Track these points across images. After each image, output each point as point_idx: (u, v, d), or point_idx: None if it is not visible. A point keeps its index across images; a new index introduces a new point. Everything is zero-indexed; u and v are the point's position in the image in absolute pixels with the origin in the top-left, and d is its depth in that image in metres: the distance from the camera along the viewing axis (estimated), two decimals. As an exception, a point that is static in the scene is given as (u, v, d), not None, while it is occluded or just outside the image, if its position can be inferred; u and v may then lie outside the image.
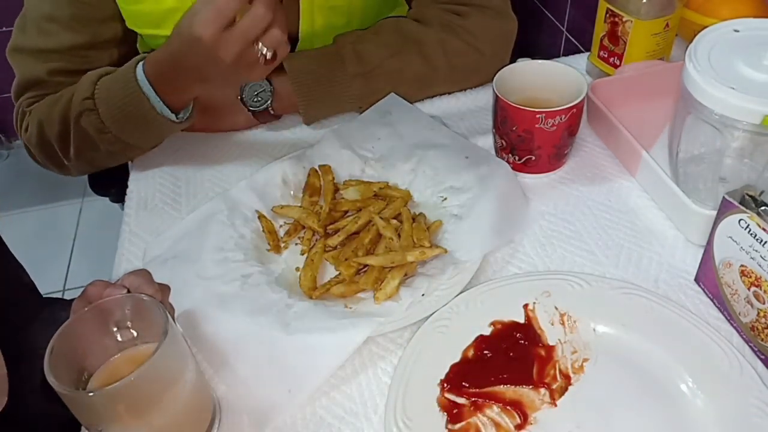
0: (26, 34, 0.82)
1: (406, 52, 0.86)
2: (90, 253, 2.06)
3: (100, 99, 0.76)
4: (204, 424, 0.56)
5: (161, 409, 0.50)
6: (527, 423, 0.56)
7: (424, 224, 0.71)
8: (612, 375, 0.59)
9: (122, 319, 0.53)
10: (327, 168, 0.79)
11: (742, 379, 0.55)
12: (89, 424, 0.51)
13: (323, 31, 0.89)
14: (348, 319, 0.61)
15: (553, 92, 0.78)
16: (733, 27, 0.67)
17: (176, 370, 0.51)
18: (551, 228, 0.74)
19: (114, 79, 0.76)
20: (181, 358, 0.52)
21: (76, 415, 0.49)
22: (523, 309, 0.63)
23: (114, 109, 0.76)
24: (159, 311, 0.50)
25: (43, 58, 0.82)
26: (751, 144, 0.64)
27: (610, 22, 0.86)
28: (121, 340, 0.54)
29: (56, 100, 0.80)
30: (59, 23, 0.80)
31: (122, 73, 0.76)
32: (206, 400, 0.57)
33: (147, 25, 0.83)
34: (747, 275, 0.58)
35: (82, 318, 0.51)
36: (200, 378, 0.55)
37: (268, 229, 0.73)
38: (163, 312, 0.50)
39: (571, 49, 1.65)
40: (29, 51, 0.83)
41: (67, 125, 0.79)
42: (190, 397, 0.53)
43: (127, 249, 0.76)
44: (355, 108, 0.88)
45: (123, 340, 0.54)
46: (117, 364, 0.53)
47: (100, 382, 0.51)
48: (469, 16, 0.88)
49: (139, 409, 0.49)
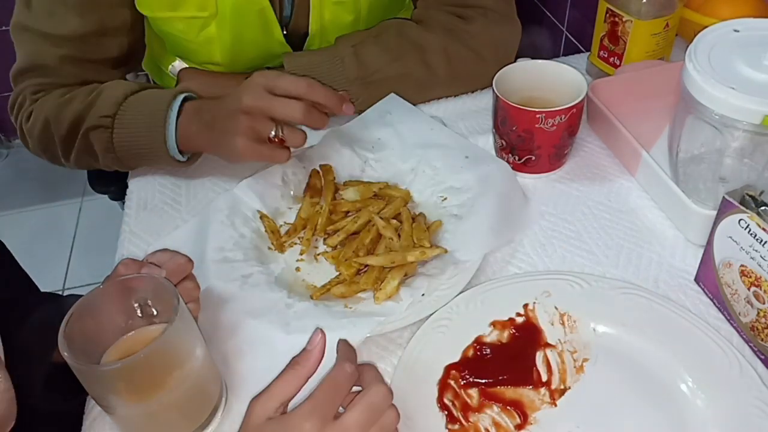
0: (32, 13, 0.80)
1: (408, 58, 0.85)
2: (90, 253, 2.06)
3: (120, 122, 0.76)
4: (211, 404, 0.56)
5: (171, 386, 0.51)
6: (527, 423, 0.56)
7: (424, 224, 0.71)
8: (612, 375, 0.59)
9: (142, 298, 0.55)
10: (328, 167, 0.79)
11: (742, 379, 0.55)
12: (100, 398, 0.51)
13: (332, 27, 0.89)
14: (348, 318, 0.62)
15: (553, 92, 0.78)
16: (733, 27, 0.67)
17: (186, 349, 0.52)
18: (551, 228, 0.74)
19: (142, 106, 0.76)
20: (191, 337, 0.53)
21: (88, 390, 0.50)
22: (523, 309, 0.63)
23: (128, 136, 0.76)
24: (171, 291, 0.51)
25: (52, 43, 0.81)
26: (751, 144, 0.64)
27: (610, 22, 0.86)
28: (141, 317, 0.55)
29: (68, 101, 0.79)
30: (67, 6, 0.79)
31: (152, 102, 0.76)
32: (215, 379, 0.57)
33: (162, 8, 0.82)
34: (747, 275, 0.58)
35: (100, 293, 0.52)
36: (208, 358, 0.55)
37: (270, 228, 0.73)
38: (175, 291, 0.51)
39: (571, 49, 1.65)
40: (37, 33, 0.81)
41: (75, 132, 0.79)
42: (200, 376, 0.53)
43: (127, 249, 0.76)
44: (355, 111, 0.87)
45: (142, 318, 0.55)
46: (131, 341, 0.54)
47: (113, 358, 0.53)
48: (473, 21, 0.87)
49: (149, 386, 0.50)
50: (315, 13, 0.87)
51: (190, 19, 0.83)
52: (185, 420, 0.55)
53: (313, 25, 0.88)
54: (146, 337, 0.54)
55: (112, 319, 0.54)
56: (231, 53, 0.88)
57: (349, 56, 0.84)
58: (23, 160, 2.43)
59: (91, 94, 0.79)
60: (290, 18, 0.88)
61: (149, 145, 0.76)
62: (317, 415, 0.47)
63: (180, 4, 0.81)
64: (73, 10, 0.79)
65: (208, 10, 0.82)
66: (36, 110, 0.82)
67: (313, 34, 0.89)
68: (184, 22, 0.84)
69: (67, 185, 2.21)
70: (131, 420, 0.53)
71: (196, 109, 0.75)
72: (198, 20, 0.83)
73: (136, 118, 0.76)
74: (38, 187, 2.27)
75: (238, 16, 0.83)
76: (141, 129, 0.76)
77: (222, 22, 0.84)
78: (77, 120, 0.78)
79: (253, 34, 0.87)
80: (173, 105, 0.74)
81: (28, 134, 0.85)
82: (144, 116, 0.75)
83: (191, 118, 0.74)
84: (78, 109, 0.78)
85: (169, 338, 0.49)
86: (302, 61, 0.85)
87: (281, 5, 0.87)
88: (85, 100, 0.78)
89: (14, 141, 2.47)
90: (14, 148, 2.47)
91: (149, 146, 0.76)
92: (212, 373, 0.57)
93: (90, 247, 2.09)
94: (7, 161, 2.45)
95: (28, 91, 0.83)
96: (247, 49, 0.89)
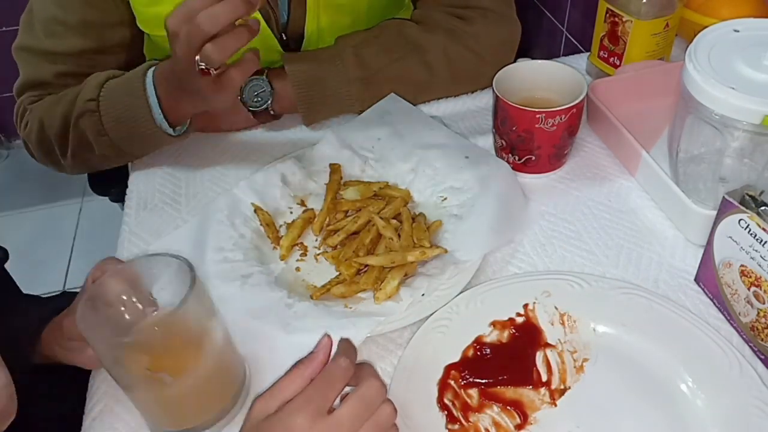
0: (33, 34, 0.82)
1: (408, 59, 0.85)
2: (90, 253, 2.06)
3: (104, 102, 0.76)
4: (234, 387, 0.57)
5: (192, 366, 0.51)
6: (527, 423, 0.56)
7: (424, 224, 0.71)
8: (612, 375, 0.59)
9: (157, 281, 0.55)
10: (337, 167, 0.79)
11: (742, 379, 0.55)
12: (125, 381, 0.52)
13: (329, 30, 0.89)
14: (348, 318, 0.62)
15: (553, 92, 0.78)
16: (733, 27, 0.67)
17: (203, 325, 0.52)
18: (551, 228, 0.74)
19: (120, 83, 0.76)
20: (208, 314, 0.53)
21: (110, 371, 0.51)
22: (523, 309, 0.63)
23: (115, 114, 0.76)
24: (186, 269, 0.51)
25: (50, 60, 0.82)
26: (751, 144, 0.64)
27: (610, 22, 0.86)
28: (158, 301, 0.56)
29: (59, 99, 0.80)
30: (68, 26, 0.80)
31: (129, 78, 0.76)
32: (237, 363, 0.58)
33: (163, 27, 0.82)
34: (747, 275, 0.58)
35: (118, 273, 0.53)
36: (229, 341, 0.56)
37: (266, 221, 0.73)
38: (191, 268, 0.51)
39: (571, 49, 1.65)
40: (36, 51, 0.83)
41: (67, 124, 0.79)
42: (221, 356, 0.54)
43: (127, 249, 0.76)
44: (355, 111, 0.87)
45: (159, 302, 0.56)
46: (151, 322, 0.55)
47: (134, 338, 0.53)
48: (473, 22, 0.87)
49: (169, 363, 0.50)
50: (311, 17, 0.87)
51: None
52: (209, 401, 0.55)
53: (309, 27, 0.88)
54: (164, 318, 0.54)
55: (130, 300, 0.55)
56: None
57: (350, 56, 0.84)
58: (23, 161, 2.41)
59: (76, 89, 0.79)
60: (287, 23, 0.88)
61: (135, 119, 0.75)
62: (310, 409, 0.46)
63: None
64: (73, 30, 0.80)
65: None
66: (31, 117, 0.84)
67: (308, 36, 0.89)
68: None
69: (67, 186, 2.21)
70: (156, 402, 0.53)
71: (163, 75, 0.74)
72: None
73: (117, 95, 0.76)
74: (38, 188, 2.27)
75: None
76: (124, 104, 0.75)
77: None
78: (67, 112, 0.79)
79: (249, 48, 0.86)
80: (148, 73, 0.74)
81: (28, 141, 0.86)
82: (124, 91, 0.76)
83: (164, 85, 0.74)
84: (66, 103, 0.79)
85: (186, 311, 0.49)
86: (302, 63, 0.84)
87: (276, 15, 0.87)
88: (71, 94, 0.79)
89: (14, 142, 2.47)
90: (14, 148, 2.47)
91: (135, 119, 0.75)
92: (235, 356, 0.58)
93: (90, 247, 2.09)
94: (7, 162, 2.45)
95: (26, 102, 0.85)
96: None
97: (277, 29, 0.88)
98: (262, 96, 0.85)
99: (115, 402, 0.61)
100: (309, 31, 0.89)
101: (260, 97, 0.85)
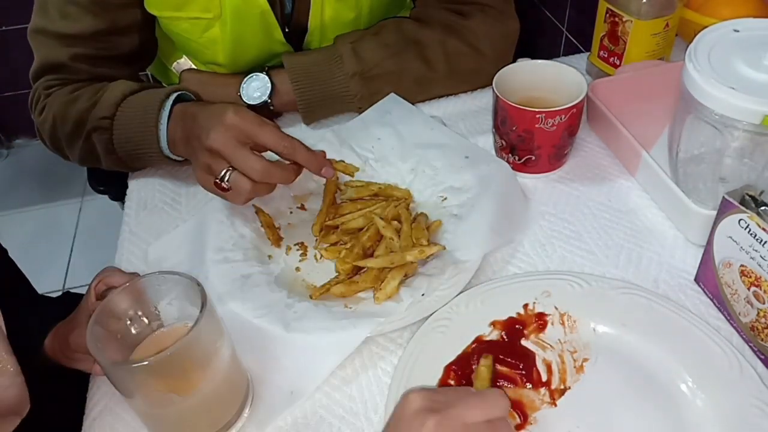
0: (48, 17, 0.82)
1: (406, 54, 0.86)
2: (90, 253, 2.06)
3: (118, 122, 0.77)
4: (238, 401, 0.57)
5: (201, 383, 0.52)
6: (527, 423, 0.56)
7: (424, 224, 0.71)
8: (612, 375, 0.59)
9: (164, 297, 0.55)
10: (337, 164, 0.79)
11: (742, 379, 0.55)
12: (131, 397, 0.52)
13: (331, 25, 0.89)
14: (348, 319, 0.61)
15: (553, 92, 0.78)
16: (733, 27, 0.67)
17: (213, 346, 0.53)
18: (551, 228, 0.74)
19: (137, 108, 0.77)
20: (217, 333, 0.53)
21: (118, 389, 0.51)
22: (523, 309, 0.63)
23: (125, 136, 0.78)
24: (197, 288, 0.52)
25: (66, 43, 0.83)
26: (751, 144, 0.63)
27: (610, 22, 0.86)
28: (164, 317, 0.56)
29: (74, 100, 0.81)
30: (80, 6, 0.81)
31: (146, 105, 0.76)
32: (242, 376, 0.58)
33: (168, 8, 0.84)
34: (747, 275, 0.58)
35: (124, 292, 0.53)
36: (234, 355, 0.56)
37: (266, 223, 0.74)
38: (201, 289, 0.51)
39: (571, 49, 1.65)
40: (51, 34, 0.83)
41: (79, 134, 0.81)
42: (228, 373, 0.54)
43: (127, 249, 0.76)
44: (355, 108, 0.88)
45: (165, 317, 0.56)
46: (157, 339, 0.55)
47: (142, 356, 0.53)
48: (471, 17, 0.88)
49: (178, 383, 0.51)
50: (315, 10, 0.87)
51: (195, 20, 0.84)
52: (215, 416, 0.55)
53: (313, 21, 0.88)
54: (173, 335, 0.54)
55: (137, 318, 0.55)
56: (233, 55, 0.89)
57: (348, 52, 0.84)
58: (23, 160, 2.43)
59: (96, 94, 0.80)
60: (291, 15, 0.89)
61: (144, 146, 0.77)
62: None
63: (185, 4, 0.82)
64: (86, 10, 0.81)
65: (211, 12, 0.83)
66: (47, 106, 0.84)
67: (312, 30, 0.90)
68: (188, 22, 0.85)
69: (67, 185, 2.21)
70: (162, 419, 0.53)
71: (182, 113, 0.75)
72: (202, 21, 0.84)
73: (131, 119, 0.77)
74: (38, 187, 2.27)
75: (239, 18, 0.84)
76: (136, 130, 0.77)
77: (224, 25, 0.84)
78: (80, 120, 0.80)
79: (254, 37, 0.87)
80: (165, 105, 0.75)
81: (41, 129, 0.87)
82: (138, 117, 0.76)
83: (177, 123, 0.75)
84: (81, 110, 0.79)
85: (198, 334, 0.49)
86: (301, 60, 0.85)
87: (282, 4, 0.87)
88: (89, 100, 0.80)
89: (14, 141, 2.47)
90: (14, 148, 2.47)
91: (144, 147, 0.77)
92: (240, 369, 0.58)
93: (90, 247, 2.09)
94: (7, 161, 2.45)
95: (41, 87, 0.85)
96: (248, 51, 0.89)
97: (282, 20, 0.88)
98: (262, 91, 0.85)
99: (115, 402, 0.61)
100: (312, 26, 0.89)
101: (260, 92, 0.86)
